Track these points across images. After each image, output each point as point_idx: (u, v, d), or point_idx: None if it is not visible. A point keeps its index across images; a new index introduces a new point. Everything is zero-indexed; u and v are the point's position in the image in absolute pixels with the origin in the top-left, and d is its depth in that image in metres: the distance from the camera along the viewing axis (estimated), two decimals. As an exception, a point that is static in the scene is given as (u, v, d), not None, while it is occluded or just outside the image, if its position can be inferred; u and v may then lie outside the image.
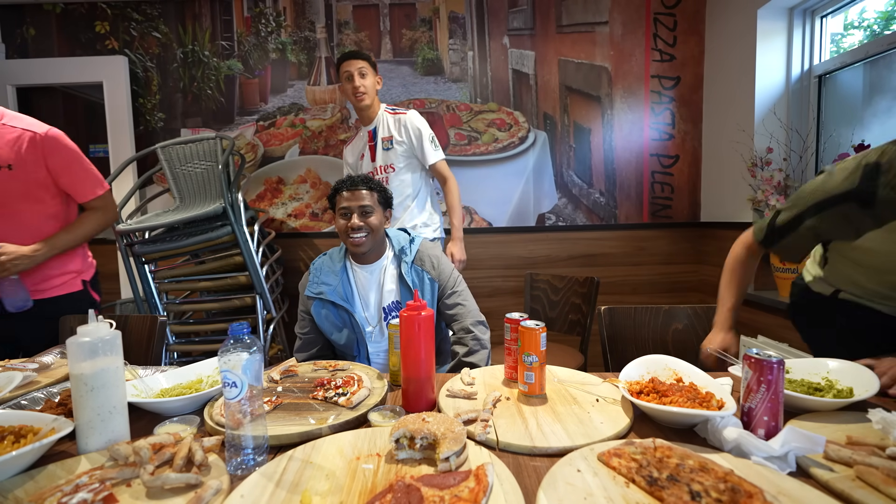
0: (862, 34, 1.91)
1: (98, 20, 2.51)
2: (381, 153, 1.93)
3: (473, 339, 1.32)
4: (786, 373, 0.94)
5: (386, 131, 1.92)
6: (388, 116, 1.93)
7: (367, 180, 1.35)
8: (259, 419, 0.71)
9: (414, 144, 1.91)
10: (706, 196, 2.51)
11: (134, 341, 1.36)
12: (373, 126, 1.94)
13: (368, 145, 1.95)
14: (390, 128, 1.92)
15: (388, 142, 1.91)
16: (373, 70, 1.86)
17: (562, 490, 0.60)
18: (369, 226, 1.30)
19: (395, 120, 1.92)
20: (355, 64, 1.82)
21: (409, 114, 1.93)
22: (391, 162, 1.92)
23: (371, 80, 1.85)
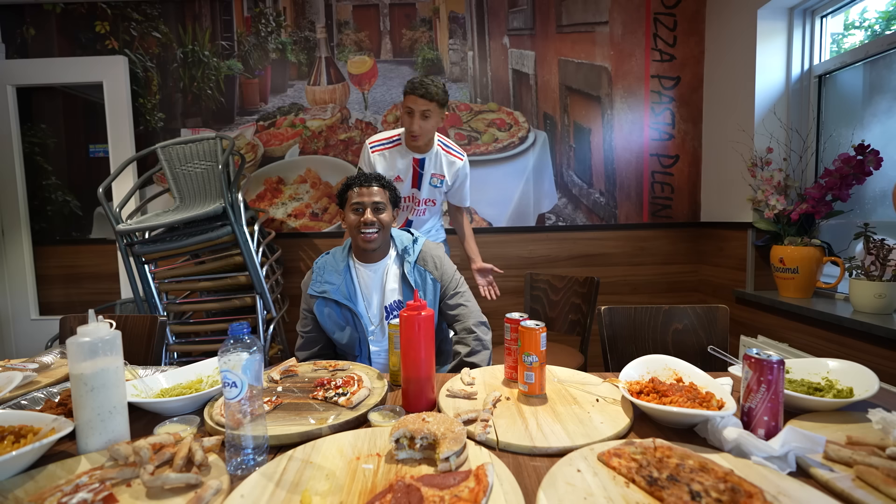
0: (863, 34, 1.91)
1: (98, 20, 2.51)
2: (428, 187, 1.88)
3: (475, 340, 1.32)
4: (786, 373, 0.94)
5: (438, 168, 1.86)
6: (443, 154, 1.86)
7: (379, 178, 1.36)
8: (259, 419, 0.71)
9: (455, 188, 1.92)
10: (706, 196, 2.51)
11: (134, 341, 1.36)
12: (423, 156, 1.83)
13: (412, 171, 1.85)
14: (443, 167, 1.86)
15: (439, 180, 1.86)
16: (439, 110, 1.71)
17: (562, 490, 0.60)
18: (381, 222, 1.31)
19: (448, 162, 1.87)
20: (420, 104, 1.67)
21: (465, 162, 1.91)
22: (434, 198, 1.91)
23: (433, 123, 1.72)
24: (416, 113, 1.67)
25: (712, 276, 2.46)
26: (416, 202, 1.91)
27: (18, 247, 2.59)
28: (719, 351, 1.06)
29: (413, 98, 1.66)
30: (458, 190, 1.94)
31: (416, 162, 1.83)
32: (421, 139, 1.73)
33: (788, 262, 1.90)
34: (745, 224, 2.17)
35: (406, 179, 1.85)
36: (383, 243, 1.36)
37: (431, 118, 1.70)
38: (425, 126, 1.70)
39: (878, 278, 1.59)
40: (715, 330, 1.36)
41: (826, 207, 1.83)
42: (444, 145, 1.88)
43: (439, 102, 1.69)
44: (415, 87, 1.67)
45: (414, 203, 1.91)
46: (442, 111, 1.74)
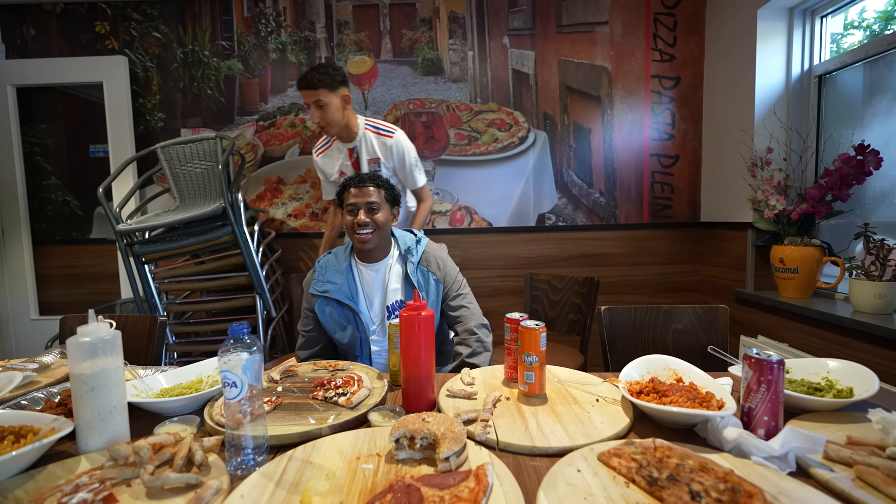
0: (862, 34, 1.91)
1: (98, 20, 2.51)
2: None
3: (477, 341, 1.32)
4: (786, 373, 0.94)
5: (371, 152, 1.80)
6: (373, 137, 1.80)
7: (374, 177, 1.35)
8: (259, 419, 0.71)
9: (398, 169, 1.82)
10: (706, 196, 2.51)
11: (134, 341, 1.36)
12: (353, 144, 1.79)
13: (351, 163, 1.82)
14: (376, 149, 1.80)
15: (376, 164, 1.79)
16: (332, 93, 1.65)
17: (562, 490, 0.60)
18: (375, 222, 1.30)
19: (380, 142, 1.80)
20: (308, 96, 1.64)
21: (397, 137, 1.80)
22: None
23: (333, 109, 1.66)
24: (310, 106, 1.66)
25: (712, 276, 2.46)
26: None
27: (18, 247, 2.59)
28: (719, 351, 1.06)
29: (302, 93, 1.66)
30: (401, 169, 1.83)
31: (351, 153, 1.80)
32: (332, 128, 1.70)
33: (788, 262, 1.90)
34: (745, 224, 2.17)
35: (349, 172, 1.81)
36: (383, 243, 1.36)
37: (328, 105, 1.65)
38: (326, 116, 1.66)
39: (878, 278, 1.59)
40: (715, 330, 1.36)
41: (826, 207, 1.83)
42: (373, 126, 1.80)
43: (327, 87, 1.63)
44: (299, 81, 1.67)
45: None
46: (336, 93, 1.67)
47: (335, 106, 1.67)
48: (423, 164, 2.54)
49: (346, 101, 1.71)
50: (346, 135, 1.78)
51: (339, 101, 1.67)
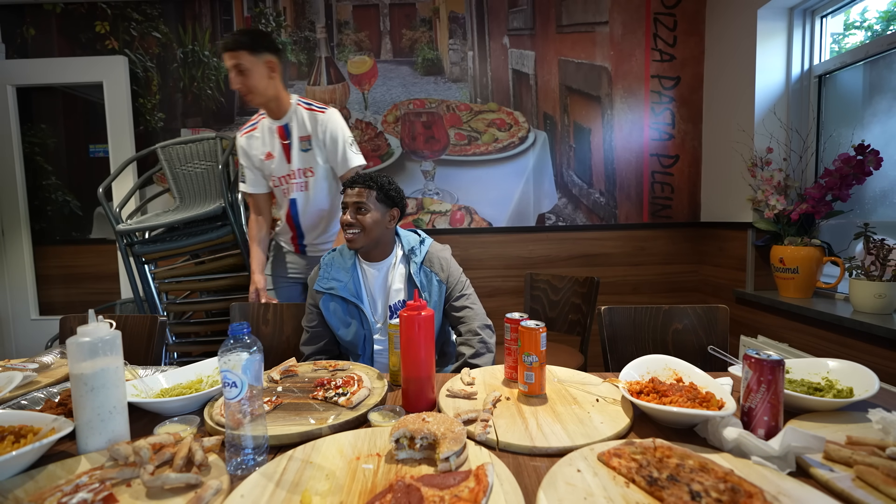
0: (863, 34, 1.91)
1: (98, 20, 2.51)
2: (299, 154, 1.65)
3: (480, 342, 1.32)
4: (786, 373, 0.94)
5: (302, 129, 1.64)
6: (304, 112, 1.64)
7: (368, 177, 1.33)
8: (259, 419, 0.71)
9: (330, 149, 1.65)
10: (706, 196, 2.51)
11: (134, 341, 1.36)
12: (284, 121, 1.64)
13: (281, 144, 1.65)
14: (307, 126, 1.63)
15: (307, 142, 1.63)
16: (255, 57, 1.50)
17: (562, 490, 0.60)
18: (361, 223, 1.29)
19: (311, 117, 1.64)
20: (228, 59, 1.49)
21: (330, 113, 1.65)
22: (310, 165, 1.66)
23: (257, 75, 1.51)
24: (231, 71, 1.51)
25: (712, 276, 2.46)
26: (291, 176, 1.67)
27: (18, 247, 2.59)
28: (719, 351, 1.06)
29: (224, 56, 1.51)
30: (332, 150, 1.65)
31: (281, 131, 1.64)
32: (255, 97, 1.55)
33: (788, 262, 1.90)
34: (745, 224, 2.17)
35: (276, 153, 1.66)
36: (375, 243, 1.35)
37: (251, 71, 1.50)
38: (248, 82, 1.52)
39: (878, 278, 1.59)
40: (715, 330, 1.36)
41: (826, 207, 1.83)
42: (305, 103, 1.67)
43: (248, 49, 1.49)
44: (222, 43, 1.52)
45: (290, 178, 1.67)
46: (259, 58, 1.52)
47: (259, 73, 1.52)
48: (424, 164, 2.54)
49: (273, 69, 1.56)
50: (276, 109, 1.63)
51: (264, 68, 1.53)
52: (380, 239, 1.35)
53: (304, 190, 1.69)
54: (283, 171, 1.67)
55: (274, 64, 1.56)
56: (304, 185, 1.68)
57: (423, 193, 2.57)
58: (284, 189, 1.70)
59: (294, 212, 1.71)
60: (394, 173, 2.55)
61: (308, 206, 1.71)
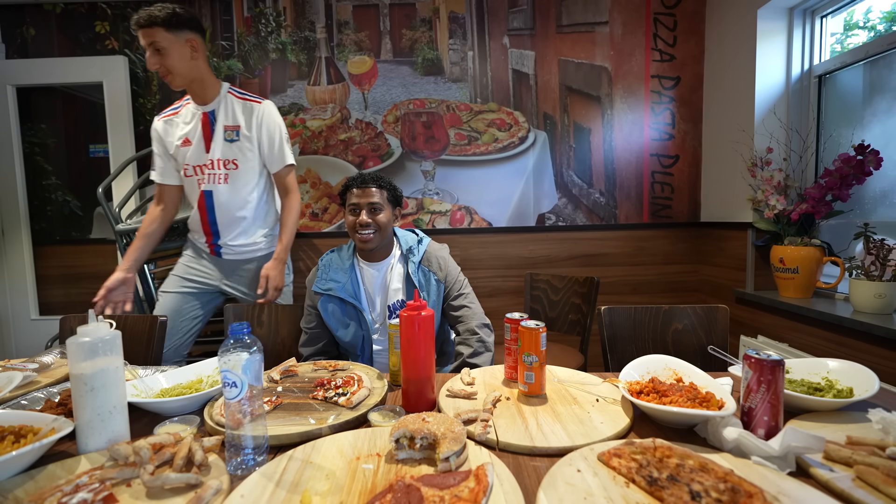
0: (866, 35, 1.90)
1: (98, 20, 2.51)
2: (223, 144, 1.53)
3: (479, 341, 1.32)
4: (786, 373, 0.94)
5: (230, 118, 1.54)
6: (234, 101, 1.55)
7: (377, 178, 1.36)
8: (259, 419, 0.71)
9: (264, 143, 1.56)
10: (706, 196, 2.51)
11: (134, 341, 1.36)
12: (210, 108, 1.53)
13: (202, 131, 1.53)
14: (237, 115, 1.54)
15: (234, 132, 1.52)
16: (173, 35, 1.40)
17: (562, 490, 0.60)
18: (377, 223, 1.31)
19: (244, 107, 1.55)
20: (144, 36, 1.38)
21: (266, 104, 1.57)
22: (234, 157, 1.55)
23: (176, 55, 1.41)
24: (147, 49, 1.40)
25: (712, 276, 2.46)
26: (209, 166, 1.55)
27: (18, 247, 2.59)
28: (719, 351, 1.06)
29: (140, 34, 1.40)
30: (269, 144, 1.57)
31: (206, 118, 1.53)
32: (176, 79, 1.44)
33: (788, 262, 1.90)
34: (745, 224, 2.17)
35: (195, 140, 1.53)
36: (385, 243, 1.36)
37: (168, 50, 1.40)
38: (166, 62, 1.41)
39: (878, 278, 1.59)
40: (715, 330, 1.36)
41: (826, 207, 1.83)
42: (238, 91, 1.58)
43: (165, 27, 1.38)
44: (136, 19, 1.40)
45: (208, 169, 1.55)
46: (178, 37, 1.41)
47: (178, 53, 1.42)
48: (424, 164, 2.54)
49: (196, 48, 1.46)
50: (201, 93, 1.52)
51: (185, 48, 1.43)
52: (388, 238, 1.37)
53: (222, 182, 1.56)
54: (199, 159, 1.55)
55: (196, 43, 1.46)
56: (224, 177, 1.55)
57: (423, 193, 2.57)
58: (199, 179, 1.57)
59: (209, 204, 1.58)
60: (394, 173, 2.55)
61: (228, 200, 1.58)
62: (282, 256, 1.58)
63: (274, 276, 1.55)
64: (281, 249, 1.58)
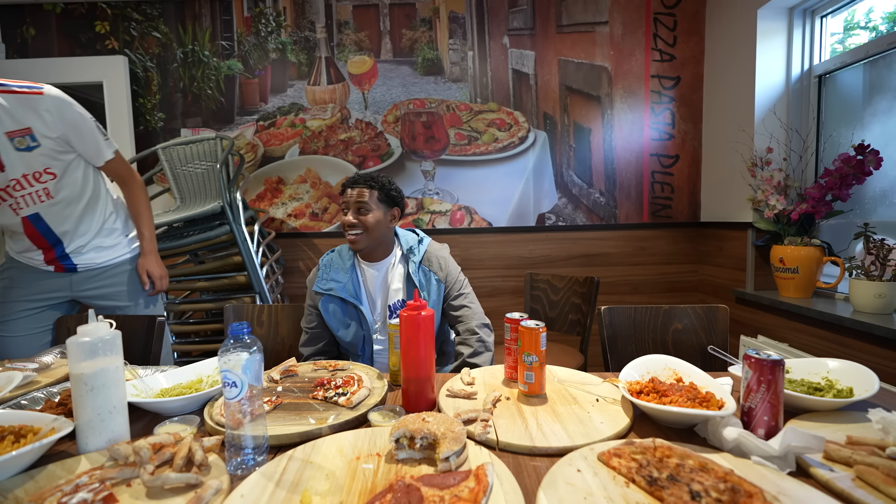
0: (868, 35, 1.90)
1: (98, 20, 2.51)
2: (18, 156, 1.22)
3: (478, 341, 1.32)
4: (786, 373, 0.94)
5: (9, 121, 1.20)
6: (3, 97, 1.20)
7: (369, 177, 1.34)
8: (259, 419, 0.71)
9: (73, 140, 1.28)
10: (706, 196, 2.51)
11: (134, 341, 1.36)
12: None
13: None
14: (17, 115, 1.21)
15: (26, 137, 1.21)
16: None
17: (562, 490, 0.60)
18: (364, 224, 1.29)
19: (22, 102, 1.21)
20: None
21: (49, 92, 1.23)
22: (46, 166, 1.26)
23: None
24: None
25: (712, 276, 2.46)
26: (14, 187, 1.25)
27: (18, 247, 2.59)
28: (719, 351, 1.06)
29: None
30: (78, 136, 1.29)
31: None
32: None
33: (788, 262, 1.90)
34: (745, 224, 2.17)
35: None
36: (376, 243, 1.35)
37: None
38: None
39: (878, 278, 1.59)
40: (715, 330, 1.36)
41: (826, 207, 1.83)
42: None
43: None
44: None
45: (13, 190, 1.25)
46: None
47: None
48: (424, 164, 2.54)
49: None
50: None
51: None
52: (381, 239, 1.35)
53: (46, 199, 1.29)
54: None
55: None
56: (45, 192, 1.28)
57: (423, 193, 2.57)
58: (11, 204, 1.27)
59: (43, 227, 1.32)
60: (394, 173, 2.55)
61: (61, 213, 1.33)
62: (152, 248, 1.47)
63: (154, 269, 1.45)
64: (147, 242, 1.46)
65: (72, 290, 1.46)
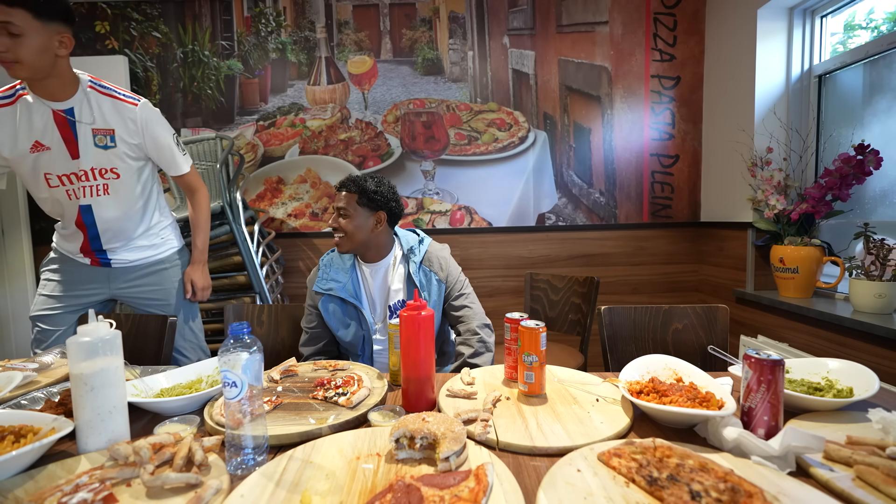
0: (869, 35, 1.90)
1: (98, 20, 2.51)
2: (94, 151, 1.30)
3: (479, 342, 1.32)
4: (786, 373, 0.94)
5: (100, 120, 1.29)
6: (101, 98, 1.29)
7: (352, 182, 1.31)
8: (259, 419, 0.71)
9: (152, 153, 1.40)
10: (706, 196, 2.51)
11: (146, 341, 1.36)
12: (67, 105, 1.26)
13: (60, 133, 1.27)
14: (106, 116, 1.30)
15: (107, 137, 1.30)
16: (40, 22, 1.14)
17: (562, 490, 0.60)
18: (342, 228, 1.29)
19: (115, 107, 1.31)
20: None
21: (144, 105, 1.35)
22: (113, 165, 1.33)
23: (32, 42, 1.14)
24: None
25: (712, 276, 2.46)
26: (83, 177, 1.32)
27: (18, 247, 2.59)
28: (719, 351, 1.06)
29: None
30: (156, 149, 1.39)
31: (60, 117, 1.26)
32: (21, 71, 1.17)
33: (788, 262, 1.90)
34: (745, 224, 2.17)
35: (54, 145, 1.27)
36: (378, 245, 1.35)
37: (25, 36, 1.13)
38: (18, 51, 1.13)
39: (878, 278, 1.59)
40: (715, 330, 1.36)
41: (826, 207, 1.83)
42: (102, 87, 1.31)
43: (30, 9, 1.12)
44: None
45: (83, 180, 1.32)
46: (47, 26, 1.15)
47: (38, 44, 1.15)
48: (424, 164, 2.54)
49: (66, 46, 1.22)
50: (57, 91, 1.25)
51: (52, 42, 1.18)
52: (368, 242, 1.33)
53: (103, 194, 1.35)
54: (64, 168, 1.30)
55: (68, 39, 1.22)
56: (104, 187, 1.34)
57: (423, 193, 2.57)
58: (68, 190, 1.32)
59: (89, 220, 1.36)
60: (394, 173, 2.55)
61: (113, 212, 1.38)
62: (202, 258, 1.51)
63: (199, 279, 1.49)
64: (199, 252, 1.51)
65: (109, 288, 1.49)
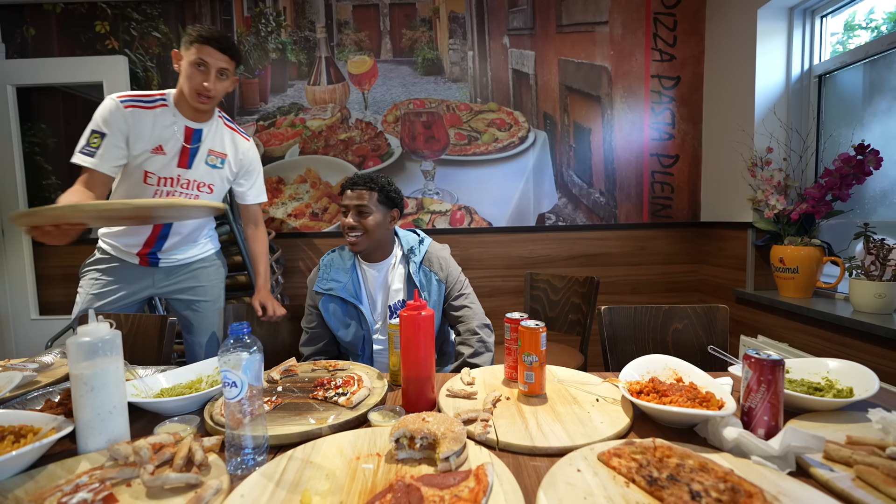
0: (869, 35, 1.90)
1: (98, 20, 2.51)
2: (204, 168, 1.48)
3: (479, 342, 1.32)
4: (786, 373, 0.94)
5: (218, 144, 1.50)
6: (225, 129, 1.52)
7: (369, 179, 1.33)
8: (259, 419, 0.71)
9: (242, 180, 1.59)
10: (706, 196, 2.51)
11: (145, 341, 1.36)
12: (199, 126, 1.45)
13: (182, 145, 1.43)
14: (224, 143, 1.51)
15: (219, 160, 1.50)
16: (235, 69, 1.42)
17: (562, 490, 0.60)
18: (364, 226, 1.29)
19: (232, 138, 1.54)
20: (219, 59, 1.35)
21: (252, 144, 1.60)
22: (213, 182, 1.51)
23: (228, 86, 1.42)
24: (211, 69, 1.34)
25: (712, 276, 2.46)
26: (183, 185, 1.46)
27: (18, 247, 2.59)
28: (719, 351, 1.06)
29: (209, 50, 1.33)
30: (248, 180, 1.60)
31: (189, 133, 1.44)
32: (212, 102, 1.40)
33: (788, 262, 1.90)
34: (745, 224, 2.17)
35: (170, 152, 1.42)
36: (377, 244, 1.35)
37: (228, 80, 1.40)
38: (220, 88, 1.39)
39: (878, 278, 1.59)
40: (715, 330, 1.36)
41: (826, 207, 1.83)
42: (226, 118, 1.56)
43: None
44: (213, 36, 1.33)
45: (181, 186, 1.46)
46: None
47: (231, 85, 1.43)
48: (424, 164, 2.55)
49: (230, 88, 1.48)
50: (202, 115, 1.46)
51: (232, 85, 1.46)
52: (381, 240, 1.35)
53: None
54: (168, 172, 1.43)
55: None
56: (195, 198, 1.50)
57: (423, 193, 2.57)
58: (157, 191, 1.45)
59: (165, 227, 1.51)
60: (394, 173, 2.55)
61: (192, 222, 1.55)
62: (267, 285, 1.61)
63: (271, 306, 1.54)
64: (263, 281, 1.62)
65: (154, 287, 1.58)
